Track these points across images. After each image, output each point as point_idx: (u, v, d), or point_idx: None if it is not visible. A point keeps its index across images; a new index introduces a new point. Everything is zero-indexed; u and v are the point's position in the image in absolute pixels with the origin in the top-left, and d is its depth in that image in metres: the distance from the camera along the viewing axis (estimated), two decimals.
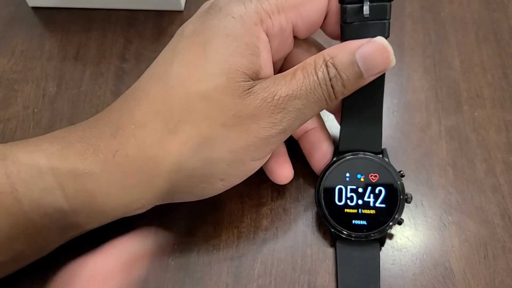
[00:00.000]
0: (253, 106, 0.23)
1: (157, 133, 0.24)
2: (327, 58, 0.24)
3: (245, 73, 0.23)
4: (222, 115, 0.23)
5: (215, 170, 0.24)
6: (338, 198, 0.27)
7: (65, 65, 0.37)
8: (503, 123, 0.33)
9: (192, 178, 0.25)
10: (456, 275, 0.28)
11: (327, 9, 0.25)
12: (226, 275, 0.28)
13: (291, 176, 0.29)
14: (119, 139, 0.24)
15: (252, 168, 0.26)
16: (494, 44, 0.37)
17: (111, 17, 0.40)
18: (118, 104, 0.25)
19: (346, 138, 0.28)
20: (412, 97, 0.35)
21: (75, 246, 0.29)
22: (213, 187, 0.26)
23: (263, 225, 0.30)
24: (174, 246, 0.29)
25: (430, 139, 0.33)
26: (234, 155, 0.24)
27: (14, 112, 0.35)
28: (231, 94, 0.23)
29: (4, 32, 0.39)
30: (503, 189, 0.31)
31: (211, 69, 0.23)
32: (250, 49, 0.23)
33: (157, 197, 0.25)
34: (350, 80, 0.24)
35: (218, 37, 0.23)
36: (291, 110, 0.24)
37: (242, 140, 0.24)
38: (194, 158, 0.24)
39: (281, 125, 0.24)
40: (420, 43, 0.37)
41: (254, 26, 0.24)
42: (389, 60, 0.24)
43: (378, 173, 0.27)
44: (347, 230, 0.27)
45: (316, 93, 0.24)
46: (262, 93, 0.23)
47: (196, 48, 0.24)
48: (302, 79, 0.24)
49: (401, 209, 0.27)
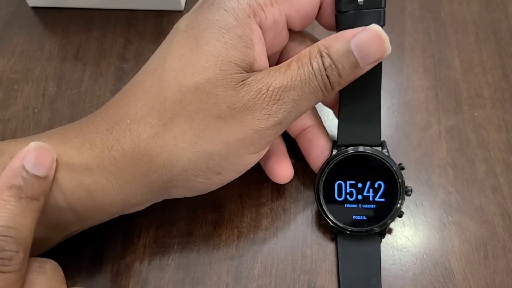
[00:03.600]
0: (247, 98, 0.23)
1: (151, 127, 0.24)
2: (322, 49, 0.24)
3: (238, 65, 0.23)
4: (216, 107, 0.23)
5: (210, 164, 0.24)
6: (338, 193, 0.27)
7: (65, 65, 0.37)
8: (503, 123, 0.33)
9: (187, 172, 0.24)
10: (456, 275, 0.28)
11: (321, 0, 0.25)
12: (226, 275, 0.28)
13: (291, 176, 0.29)
14: (115, 134, 0.24)
15: (249, 162, 0.26)
16: (494, 44, 0.37)
17: (111, 17, 0.40)
18: (115, 100, 0.25)
19: (344, 131, 0.28)
20: (412, 97, 0.35)
21: (74, 246, 0.29)
22: (210, 182, 0.25)
23: (263, 225, 0.30)
24: (174, 246, 0.29)
25: (430, 139, 0.33)
26: (230, 148, 0.24)
27: (14, 112, 0.35)
28: (225, 86, 0.23)
29: (4, 32, 0.39)
30: (503, 189, 0.31)
31: (204, 61, 0.23)
32: (244, 41, 0.23)
33: (153, 192, 0.25)
34: (346, 69, 0.24)
35: (211, 30, 0.23)
36: (287, 101, 0.24)
37: (237, 132, 0.24)
38: (189, 151, 0.24)
39: (277, 117, 0.24)
40: (420, 43, 0.37)
41: (247, 18, 0.24)
42: (385, 47, 0.24)
43: (377, 167, 0.27)
44: (347, 226, 0.27)
45: (311, 84, 0.24)
46: (257, 84, 0.23)
47: (190, 42, 0.24)
48: (297, 70, 0.24)
49: (402, 202, 0.27)
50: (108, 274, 0.28)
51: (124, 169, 0.24)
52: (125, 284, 0.28)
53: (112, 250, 0.29)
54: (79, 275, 0.28)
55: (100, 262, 0.28)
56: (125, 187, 0.24)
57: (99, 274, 0.28)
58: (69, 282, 0.28)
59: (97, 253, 0.29)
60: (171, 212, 0.30)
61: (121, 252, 0.29)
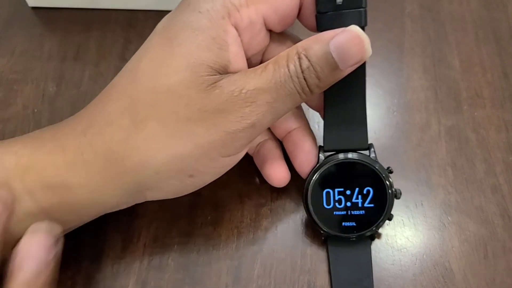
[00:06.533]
0: (219, 100, 0.23)
1: (124, 130, 0.23)
2: (300, 50, 0.23)
3: (211, 67, 0.23)
4: (187, 109, 0.23)
5: (183, 166, 0.24)
6: (326, 201, 0.27)
7: (64, 65, 0.37)
8: (503, 123, 0.33)
9: (159, 174, 0.24)
10: (456, 275, 0.28)
11: (301, 0, 0.25)
12: (225, 275, 0.28)
13: (288, 178, 0.29)
14: (88, 136, 0.24)
15: (224, 165, 0.25)
16: (493, 44, 0.37)
17: (111, 17, 0.40)
18: (94, 102, 0.25)
19: (330, 136, 0.27)
20: (412, 97, 0.35)
21: (74, 246, 0.29)
22: (183, 184, 0.25)
23: (263, 225, 0.30)
24: (173, 246, 0.29)
25: (430, 139, 0.33)
26: (201, 150, 0.24)
27: (13, 112, 0.35)
28: (196, 88, 0.23)
29: (4, 32, 0.39)
30: (503, 189, 0.31)
31: (176, 63, 0.23)
32: (217, 42, 0.23)
33: (128, 195, 0.25)
34: (325, 72, 0.23)
35: (185, 32, 0.23)
36: (261, 103, 0.23)
37: (209, 134, 0.23)
38: (160, 153, 0.24)
39: (250, 119, 0.23)
40: (419, 42, 0.37)
41: (221, 19, 0.23)
42: (364, 49, 0.23)
43: (365, 174, 0.27)
44: (337, 233, 0.27)
45: (287, 86, 0.23)
46: (229, 86, 0.23)
47: (163, 44, 0.24)
48: (272, 72, 0.23)
49: (391, 206, 0.27)
50: (108, 274, 0.28)
51: (97, 172, 0.24)
52: (125, 284, 0.28)
53: (112, 250, 0.29)
54: (79, 275, 0.28)
55: (100, 262, 0.28)
56: (98, 190, 0.24)
57: (99, 274, 0.28)
58: (69, 282, 0.28)
59: (97, 253, 0.29)
60: (171, 212, 0.30)
61: (121, 252, 0.29)
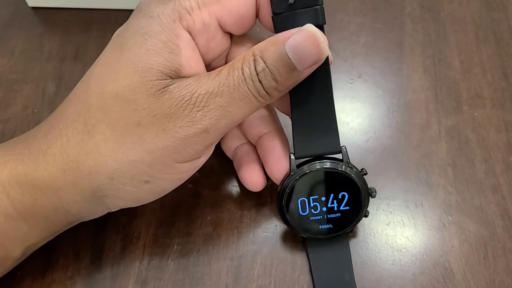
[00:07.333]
0: (168, 105, 0.23)
1: (78, 133, 0.23)
2: (256, 52, 0.23)
3: (161, 71, 0.23)
4: (136, 114, 0.23)
5: (135, 172, 0.24)
6: (302, 209, 0.27)
7: (64, 65, 0.37)
8: (503, 123, 0.33)
9: (113, 180, 0.24)
10: (456, 275, 0.28)
11: (258, 1, 0.24)
12: (225, 275, 0.28)
13: (263, 183, 0.29)
14: (50, 137, 0.24)
15: (182, 171, 0.25)
16: (494, 44, 0.37)
17: (111, 17, 0.40)
18: (59, 106, 0.25)
19: (300, 142, 0.26)
20: (412, 97, 0.35)
21: (74, 246, 0.29)
22: (140, 190, 0.25)
23: (262, 225, 0.30)
24: (173, 247, 0.29)
25: (430, 139, 0.33)
26: (153, 155, 0.23)
27: (13, 112, 0.35)
28: (145, 93, 0.23)
29: (4, 32, 0.39)
30: (503, 189, 0.31)
31: (125, 68, 0.23)
32: (168, 47, 0.23)
33: (87, 201, 0.25)
34: (282, 73, 0.23)
35: (135, 37, 0.23)
36: (213, 108, 0.23)
37: (159, 140, 0.23)
38: (112, 158, 0.23)
39: (202, 124, 0.23)
40: (420, 43, 0.37)
41: (172, 23, 0.23)
42: (320, 48, 0.22)
43: (338, 180, 0.26)
44: (315, 235, 0.27)
45: (241, 90, 0.23)
46: (180, 91, 0.23)
47: (115, 49, 0.24)
48: (226, 76, 0.23)
49: (366, 206, 0.27)
50: (108, 274, 0.28)
51: (56, 175, 0.24)
52: (125, 284, 0.28)
53: (112, 250, 0.29)
54: (79, 275, 0.28)
55: (100, 262, 0.28)
56: (60, 194, 0.24)
57: (99, 274, 0.28)
58: (69, 282, 0.28)
59: (97, 253, 0.29)
60: (171, 213, 0.30)
61: (121, 252, 0.29)
